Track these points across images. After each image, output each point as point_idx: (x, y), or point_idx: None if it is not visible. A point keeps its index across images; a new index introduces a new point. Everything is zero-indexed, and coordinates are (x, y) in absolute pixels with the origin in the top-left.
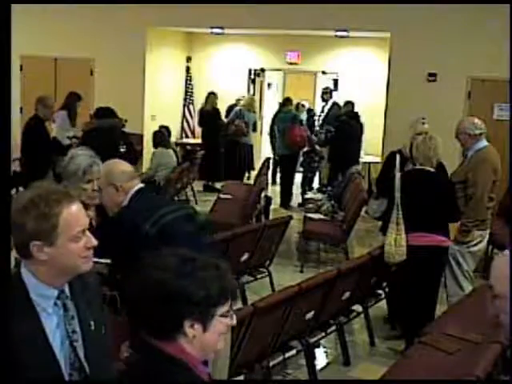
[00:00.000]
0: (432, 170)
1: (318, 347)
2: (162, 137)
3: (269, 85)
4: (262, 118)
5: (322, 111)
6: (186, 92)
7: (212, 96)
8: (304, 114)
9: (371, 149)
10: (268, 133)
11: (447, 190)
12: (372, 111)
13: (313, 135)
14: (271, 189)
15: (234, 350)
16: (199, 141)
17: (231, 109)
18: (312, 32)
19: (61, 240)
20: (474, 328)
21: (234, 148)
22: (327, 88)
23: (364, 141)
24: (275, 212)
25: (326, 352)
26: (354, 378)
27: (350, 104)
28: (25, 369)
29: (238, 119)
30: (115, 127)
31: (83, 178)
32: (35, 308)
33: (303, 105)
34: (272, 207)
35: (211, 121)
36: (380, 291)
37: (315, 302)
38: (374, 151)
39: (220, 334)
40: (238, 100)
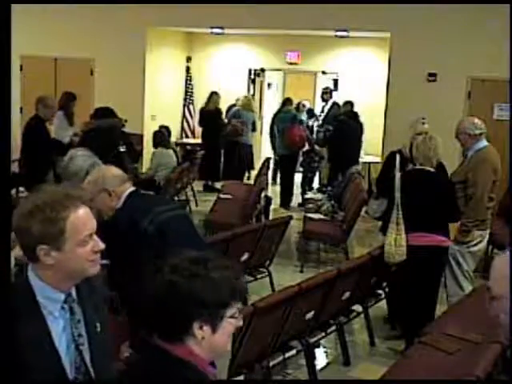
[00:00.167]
0: (432, 170)
1: (318, 347)
2: (162, 137)
3: (269, 85)
4: (262, 118)
5: (322, 111)
6: (186, 92)
7: (215, 96)
8: (304, 114)
9: (371, 149)
10: (268, 133)
11: (447, 190)
12: (372, 111)
13: (312, 135)
14: (271, 189)
15: (234, 350)
16: (199, 141)
17: (231, 109)
18: (312, 32)
19: (68, 245)
20: (474, 328)
21: (234, 148)
22: (327, 88)
23: (364, 141)
24: (275, 212)
25: (326, 352)
26: (354, 378)
27: (349, 104)
28: (30, 371)
29: (235, 119)
30: (114, 127)
31: (85, 179)
32: (42, 311)
33: (304, 105)
34: (272, 207)
35: (211, 121)
36: (380, 291)
37: (315, 302)
38: (374, 151)
39: (229, 336)
40: (238, 100)
